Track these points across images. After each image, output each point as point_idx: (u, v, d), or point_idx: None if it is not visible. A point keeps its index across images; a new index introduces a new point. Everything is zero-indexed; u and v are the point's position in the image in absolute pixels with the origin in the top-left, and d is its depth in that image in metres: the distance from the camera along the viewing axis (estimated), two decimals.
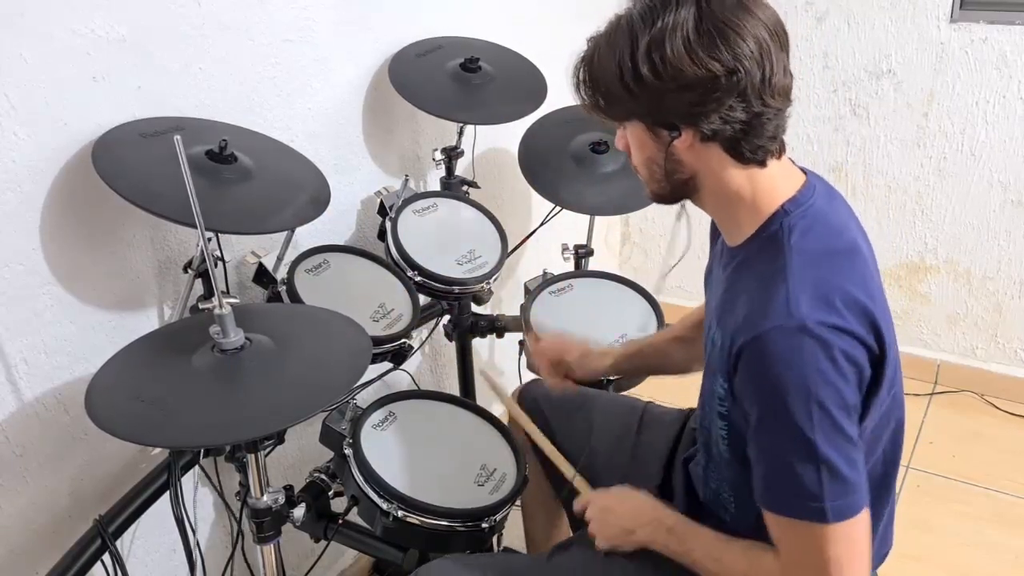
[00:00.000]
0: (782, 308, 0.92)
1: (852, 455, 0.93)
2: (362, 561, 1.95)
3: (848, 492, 0.93)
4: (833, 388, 0.91)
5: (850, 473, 0.93)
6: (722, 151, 0.97)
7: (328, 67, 1.61)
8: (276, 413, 1.01)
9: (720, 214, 1.06)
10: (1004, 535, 2.06)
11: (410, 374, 1.90)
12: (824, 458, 0.91)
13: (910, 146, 2.45)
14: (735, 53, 0.90)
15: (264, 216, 1.27)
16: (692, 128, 0.95)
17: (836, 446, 0.92)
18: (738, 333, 0.95)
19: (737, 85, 0.91)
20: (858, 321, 0.93)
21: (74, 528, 1.28)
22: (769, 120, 0.95)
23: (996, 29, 2.23)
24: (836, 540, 0.94)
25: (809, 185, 1.03)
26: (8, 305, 1.18)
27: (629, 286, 1.76)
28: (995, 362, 2.57)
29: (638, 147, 1.02)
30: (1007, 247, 2.44)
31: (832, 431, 0.91)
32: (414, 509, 1.24)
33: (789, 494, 0.95)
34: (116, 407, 0.99)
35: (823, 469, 0.92)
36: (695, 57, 0.90)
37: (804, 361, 0.90)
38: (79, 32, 1.18)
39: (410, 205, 1.66)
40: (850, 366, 0.92)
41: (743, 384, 0.96)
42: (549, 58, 1.89)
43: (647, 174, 1.04)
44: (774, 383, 0.91)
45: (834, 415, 0.91)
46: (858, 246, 1.02)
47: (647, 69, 0.91)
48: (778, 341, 0.91)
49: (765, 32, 0.92)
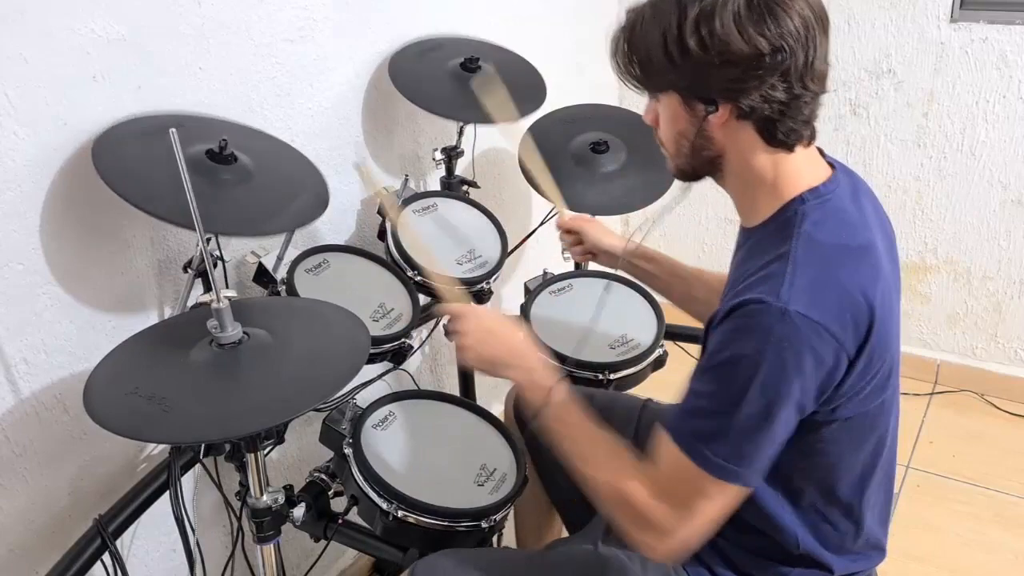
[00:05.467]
0: (774, 288, 0.92)
1: (761, 440, 0.94)
2: (362, 561, 1.94)
3: (738, 462, 0.94)
4: (785, 379, 0.91)
5: (751, 451, 0.94)
6: (754, 131, 0.97)
7: (328, 67, 1.61)
8: (274, 407, 1.01)
9: (740, 195, 1.06)
10: (1004, 535, 2.06)
11: (410, 374, 1.91)
12: (737, 426, 0.93)
13: (910, 146, 2.45)
14: (782, 32, 0.90)
15: (264, 218, 1.26)
16: (730, 104, 0.94)
17: (754, 425, 0.93)
18: (733, 299, 0.95)
19: (781, 64, 0.91)
20: (844, 322, 0.93)
21: (74, 528, 1.29)
22: (806, 104, 0.95)
23: (996, 29, 2.23)
24: (706, 491, 0.96)
25: (833, 179, 1.02)
26: (8, 305, 1.18)
27: (629, 286, 1.76)
28: (995, 362, 2.57)
29: (670, 120, 1.02)
30: (1007, 247, 2.44)
31: (758, 415, 0.92)
32: (414, 509, 1.24)
33: (691, 431, 0.97)
34: (113, 403, 0.99)
35: (731, 431, 0.93)
36: (744, 32, 0.89)
37: (769, 343, 0.90)
38: (79, 31, 1.18)
39: (410, 205, 1.66)
40: (814, 365, 0.92)
41: (716, 334, 0.96)
42: (549, 58, 1.89)
43: (674, 148, 1.04)
44: (736, 347, 0.92)
45: (771, 402, 0.92)
46: (872, 245, 1.01)
47: (694, 41, 0.91)
48: (758, 314, 0.91)
49: (811, 15, 0.92)
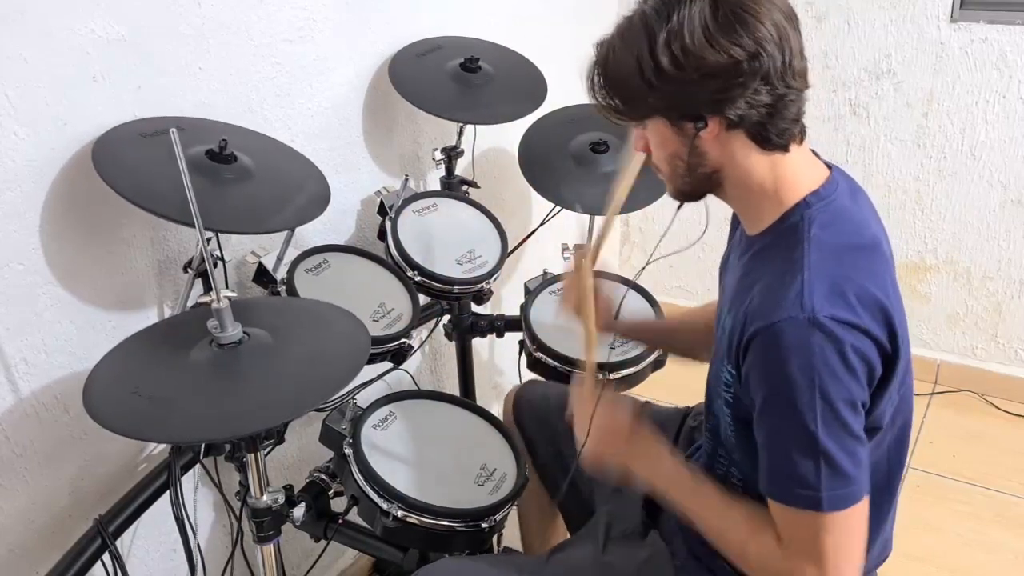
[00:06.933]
0: (796, 299, 0.92)
1: (854, 449, 0.94)
2: (362, 561, 1.95)
3: (846, 484, 0.93)
4: (840, 383, 0.91)
5: (850, 466, 0.93)
6: (747, 138, 0.97)
7: (328, 67, 1.61)
8: (274, 407, 1.01)
9: (742, 204, 1.06)
10: (1004, 535, 2.06)
11: (410, 374, 1.91)
12: (824, 450, 0.92)
13: (910, 146, 2.45)
14: (755, 37, 0.90)
15: (264, 216, 1.27)
16: (718, 116, 0.94)
17: (838, 439, 0.92)
18: (750, 320, 0.95)
19: (760, 69, 0.91)
20: (872, 318, 0.93)
21: (74, 528, 1.29)
22: (792, 102, 0.95)
23: (996, 29, 2.23)
24: (831, 529, 0.94)
25: (833, 180, 1.03)
26: (8, 305, 1.18)
27: (629, 286, 1.76)
28: (995, 362, 2.57)
29: (660, 145, 1.02)
30: (1007, 247, 2.44)
31: (835, 425, 0.92)
32: (414, 509, 1.24)
33: (787, 482, 0.95)
34: (113, 402, 0.99)
35: (822, 461, 0.92)
36: (716, 44, 0.90)
37: (813, 354, 0.90)
38: (79, 32, 1.18)
39: (410, 205, 1.66)
40: (860, 362, 0.92)
41: (751, 370, 0.96)
42: (549, 58, 1.89)
43: (670, 171, 1.03)
44: (781, 373, 0.92)
45: (839, 409, 0.91)
46: (879, 243, 1.02)
47: (668, 61, 0.91)
48: (789, 332, 0.91)
49: (780, 15, 0.92)
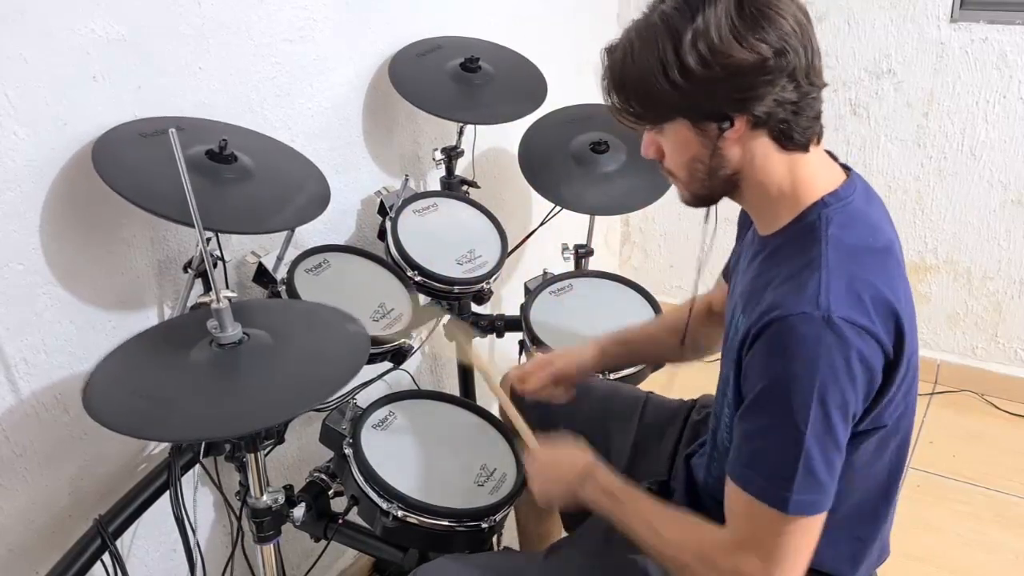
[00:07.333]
0: (812, 296, 0.91)
1: (833, 459, 0.94)
2: (362, 561, 1.94)
3: (817, 491, 0.94)
4: (839, 387, 0.91)
5: (825, 475, 0.93)
6: (768, 139, 0.96)
7: (328, 67, 1.61)
8: (274, 407, 1.01)
9: (758, 205, 1.05)
10: (1004, 535, 2.06)
11: (410, 374, 1.91)
12: (806, 451, 0.92)
13: (910, 146, 2.45)
14: (780, 34, 0.90)
15: (264, 216, 1.27)
16: (745, 115, 0.93)
17: (822, 444, 0.92)
18: (764, 314, 0.94)
19: (787, 66, 0.91)
20: (884, 323, 0.93)
21: (74, 528, 1.29)
22: (815, 99, 0.95)
23: (996, 29, 2.23)
24: (790, 531, 0.95)
25: (850, 182, 1.02)
26: (8, 305, 1.18)
27: (629, 286, 1.76)
28: (995, 362, 2.57)
29: (680, 148, 0.99)
30: (1007, 247, 2.44)
31: (823, 430, 0.91)
32: (414, 509, 1.24)
33: (762, 474, 0.95)
34: (113, 402, 0.99)
35: (801, 461, 0.92)
36: (744, 41, 0.89)
37: (819, 354, 0.90)
38: (79, 31, 1.18)
39: (410, 205, 1.66)
40: (863, 371, 0.92)
41: (754, 359, 0.95)
42: (549, 58, 1.89)
43: (688, 176, 1.01)
44: (785, 367, 0.91)
45: (831, 414, 0.91)
46: (892, 245, 1.02)
47: (694, 60, 0.90)
48: (801, 328, 0.90)
49: (800, 12, 0.93)
